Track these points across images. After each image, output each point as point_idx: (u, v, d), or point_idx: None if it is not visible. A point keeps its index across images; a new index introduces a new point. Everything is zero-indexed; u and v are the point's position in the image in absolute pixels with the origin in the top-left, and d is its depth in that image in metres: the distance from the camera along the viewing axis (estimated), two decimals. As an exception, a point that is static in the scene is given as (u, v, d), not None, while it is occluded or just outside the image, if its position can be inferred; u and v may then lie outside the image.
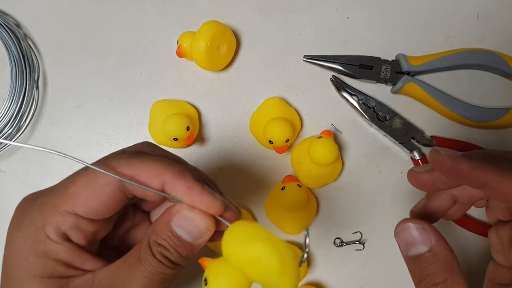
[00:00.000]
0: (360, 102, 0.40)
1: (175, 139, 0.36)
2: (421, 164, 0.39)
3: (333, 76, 0.41)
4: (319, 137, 0.36)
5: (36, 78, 0.42)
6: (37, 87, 0.42)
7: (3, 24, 0.41)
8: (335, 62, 0.40)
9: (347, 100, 0.40)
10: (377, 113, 0.40)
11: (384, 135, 0.40)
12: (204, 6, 0.43)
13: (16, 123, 0.41)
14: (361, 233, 0.39)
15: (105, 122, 0.42)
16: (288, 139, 0.36)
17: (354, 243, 0.39)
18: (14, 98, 0.40)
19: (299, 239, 0.40)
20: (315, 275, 0.39)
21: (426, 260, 0.24)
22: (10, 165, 0.41)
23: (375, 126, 0.40)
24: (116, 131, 0.42)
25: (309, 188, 0.39)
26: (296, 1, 0.43)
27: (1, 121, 0.40)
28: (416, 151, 0.39)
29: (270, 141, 0.36)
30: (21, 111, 0.41)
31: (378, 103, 0.40)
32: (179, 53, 0.39)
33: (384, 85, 0.41)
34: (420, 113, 0.41)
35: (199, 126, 0.41)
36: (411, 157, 0.40)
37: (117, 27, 0.43)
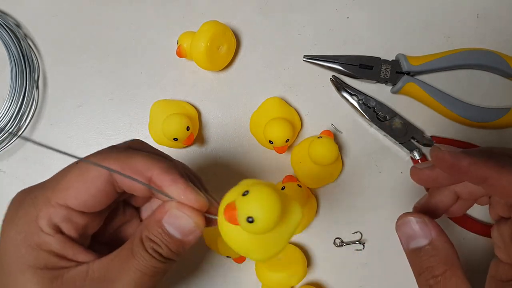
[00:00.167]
0: (360, 102, 0.40)
1: (175, 139, 0.36)
2: (421, 164, 0.39)
3: (333, 76, 0.41)
4: (319, 137, 0.36)
5: (36, 78, 0.42)
6: (37, 87, 0.42)
7: (3, 24, 0.41)
8: (335, 62, 0.40)
9: (347, 100, 0.40)
10: (377, 113, 0.40)
11: (384, 135, 0.40)
12: (204, 6, 0.43)
13: (16, 123, 0.41)
14: (361, 233, 0.39)
15: (105, 122, 0.42)
16: (288, 139, 0.36)
17: (354, 243, 0.39)
18: (14, 98, 0.40)
19: (299, 239, 0.40)
20: (315, 275, 0.39)
21: (426, 253, 0.24)
22: (10, 165, 0.41)
23: (375, 126, 0.40)
24: (116, 131, 0.42)
25: (309, 188, 0.39)
26: (296, 1, 0.43)
27: (1, 121, 0.40)
28: (416, 151, 0.39)
29: (270, 141, 0.36)
30: (21, 111, 0.41)
31: (378, 103, 0.40)
32: (179, 53, 0.39)
33: (384, 85, 0.41)
34: (420, 113, 0.41)
35: (199, 126, 0.41)
36: (411, 157, 0.40)
37: (117, 27, 0.43)
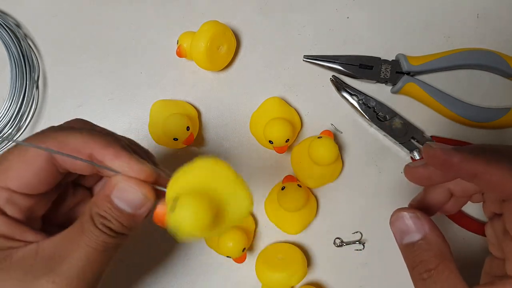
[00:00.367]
0: (360, 102, 0.40)
1: (175, 139, 0.36)
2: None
3: (333, 76, 0.41)
4: (319, 137, 0.36)
5: (36, 78, 0.42)
6: (37, 87, 0.42)
7: (3, 24, 0.41)
8: (335, 62, 0.40)
9: (347, 100, 0.40)
10: (377, 113, 0.40)
11: (384, 135, 0.40)
12: (204, 6, 0.43)
13: (16, 123, 0.41)
14: (361, 233, 0.39)
15: (105, 122, 0.41)
16: (288, 139, 0.36)
17: (354, 243, 0.39)
18: (14, 98, 0.40)
19: (299, 239, 0.40)
20: (315, 275, 0.39)
21: (419, 247, 0.25)
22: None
23: (375, 126, 0.40)
24: (116, 131, 0.41)
25: (309, 188, 0.39)
26: (296, 1, 0.43)
27: (1, 121, 0.40)
28: (416, 151, 0.39)
29: (270, 141, 0.36)
30: (21, 111, 0.41)
31: (378, 103, 0.40)
32: (179, 53, 0.39)
33: (384, 85, 0.41)
34: (420, 113, 0.41)
35: (199, 126, 0.41)
36: (411, 157, 0.40)
37: (117, 27, 0.43)
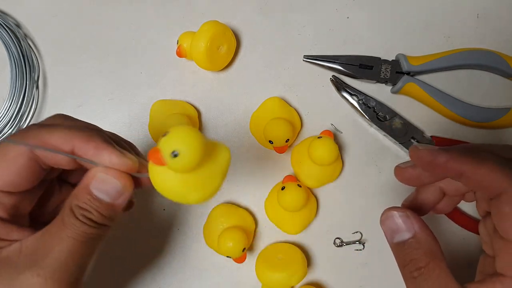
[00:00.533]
0: (360, 102, 0.40)
1: (175, 139, 0.36)
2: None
3: (333, 76, 0.41)
4: (319, 137, 0.36)
5: (36, 78, 0.42)
6: (37, 87, 0.42)
7: (3, 24, 0.41)
8: (335, 62, 0.40)
9: (347, 100, 0.40)
10: (377, 113, 0.40)
11: (384, 135, 0.40)
12: (204, 6, 0.43)
13: (16, 123, 0.41)
14: (361, 233, 0.39)
15: (105, 122, 0.41)
16: (288, 139, 0.36)
17: (354, 243, 0.39)
18: (14, 98, 0.40)
19: (299, 239, 0.40)
20: (315, 275, 0.39)
21: (409, 246, 0.25)
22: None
23: (375, 126, 0.40)
24: (116, 131, 0.41)
25: (309, 188, 0.39)
26: (296, 1, 0.43)
27: (1, 121, 0.40)
28: (416, 151, 0.39)
29: (270, 141, 0.36)
30: (21, 111, 0.41)
31: (378, 103, 0.40)
32: (179, 53, 0.39)
33: (384, 85, 0.41)
34: (420, 113, 0.41)
35: (199, 126, 0.41)
36: (411, 157, 0.40)
37: (117, 27, 0.43)
